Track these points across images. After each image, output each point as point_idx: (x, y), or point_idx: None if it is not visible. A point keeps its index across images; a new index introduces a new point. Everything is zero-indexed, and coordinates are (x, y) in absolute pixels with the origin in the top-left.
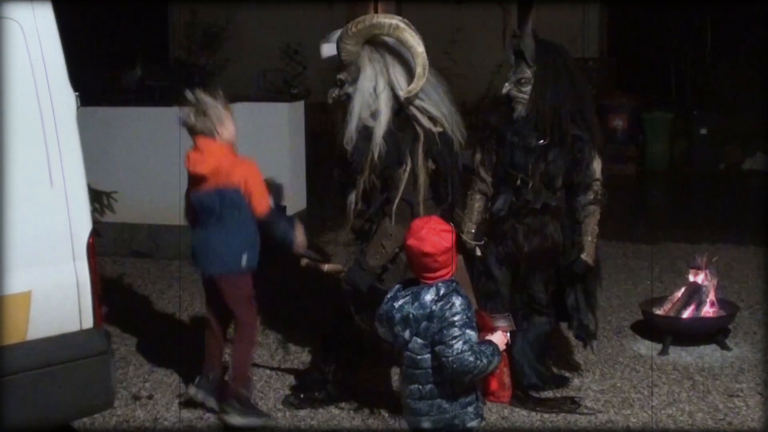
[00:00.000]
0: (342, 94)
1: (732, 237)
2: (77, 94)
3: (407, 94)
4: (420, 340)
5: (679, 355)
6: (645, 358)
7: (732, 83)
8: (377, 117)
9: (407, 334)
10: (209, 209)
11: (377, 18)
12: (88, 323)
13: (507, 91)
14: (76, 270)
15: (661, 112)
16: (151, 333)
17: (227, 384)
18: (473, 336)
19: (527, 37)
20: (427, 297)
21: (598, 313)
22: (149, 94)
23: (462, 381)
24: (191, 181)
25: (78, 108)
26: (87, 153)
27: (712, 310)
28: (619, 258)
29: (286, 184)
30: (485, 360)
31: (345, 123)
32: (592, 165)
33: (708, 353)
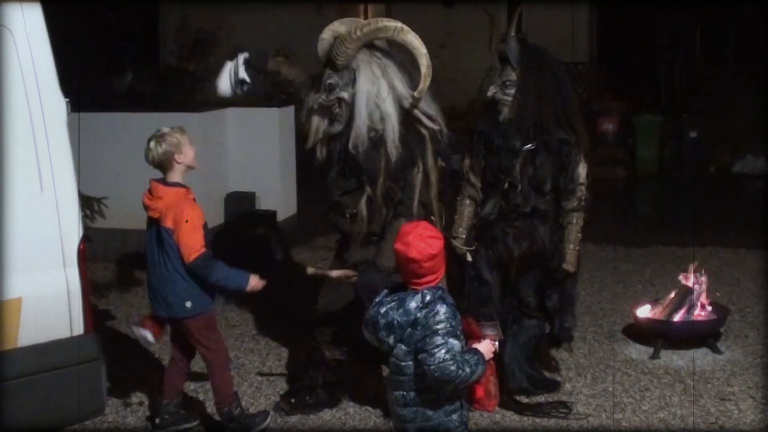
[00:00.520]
0: (332, 99)
1: (723, 240)
2: (67, 100)
3: (419, 94)
4: (404, 346)
5: (671, 359)
6: (636, 361)
7: (721, 86)
8: (386, 120)
9: (392, 340)
10: (150, 252)
11: (382, 21)
12: (78, 330)
13: (492, 94)
14: (66, 276)
15: (651, 115)
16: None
17: (221, 412)
18: (456, 345)
19: (512, 40)
20: (412, 304)
21: (576, 315)
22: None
23: (444, 390)
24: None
25: (68, 114)
26: (77, 158)
27: (703, 313)
28: (610, 261)
29: (276, 189)
30: (468, 369)
31: (348, 128)
32: (577, 169)
33: (699, 357)
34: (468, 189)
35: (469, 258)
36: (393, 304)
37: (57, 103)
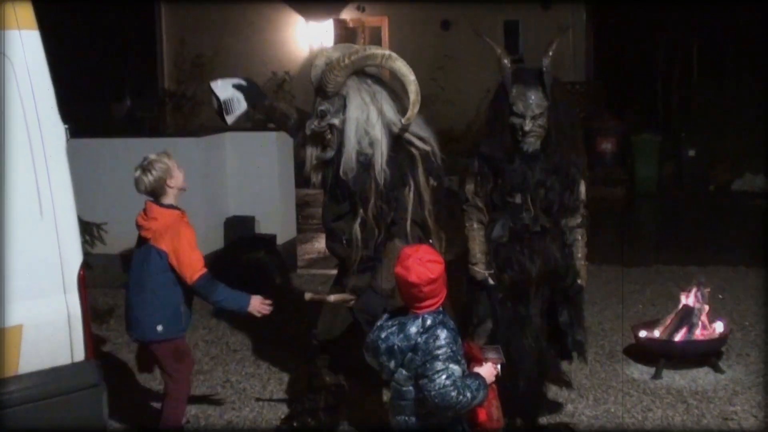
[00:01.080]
0: (324, 125)
1: (723, 258)
2: (66, 126)
3: (407, 121)
4: (405, 371)
5: (673, 379)
6: (638, 382)
7: (719, 105)
8: (375, 145)
9: (392, 364)
10: (134, 270)
11: (370, 49)
12: (79, 356)
13: (529, 128)
14: (67, 302)
15: (650, 134)
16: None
17: None
18: (457, 370)
19: (547, 72)
20: (413, 329)
21: (587, 330)
22: (138, 125)
23: (445, 415)
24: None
25: (68, 140)
26: (77, 184)
27: (704, 332)
28: (611, 281)
29: (276, 212)
30: (469, 395)
31: (339, 154)
32: (579, 187)
33: (701, 376)
34: (475, 213)
35: (491, 281)
36: (394, 328)
37: (56, 129)
